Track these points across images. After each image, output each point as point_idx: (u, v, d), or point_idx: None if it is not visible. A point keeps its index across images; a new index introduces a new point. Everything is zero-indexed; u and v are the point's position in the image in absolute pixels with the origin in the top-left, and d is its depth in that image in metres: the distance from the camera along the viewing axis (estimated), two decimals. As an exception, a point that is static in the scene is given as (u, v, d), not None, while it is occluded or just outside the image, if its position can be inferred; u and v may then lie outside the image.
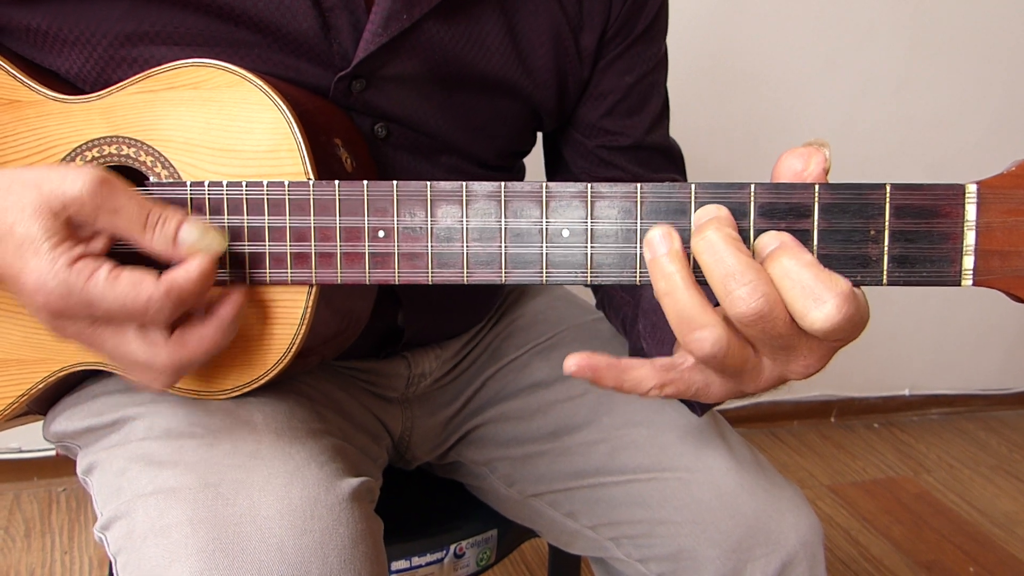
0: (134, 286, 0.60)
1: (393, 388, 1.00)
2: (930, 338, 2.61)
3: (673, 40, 0.95)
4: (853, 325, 0.55)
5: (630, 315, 0.87)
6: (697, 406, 0.81)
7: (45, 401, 0.83)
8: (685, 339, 0.57)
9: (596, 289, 1.00)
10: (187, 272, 0.62)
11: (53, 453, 1.98)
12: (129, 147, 0.71)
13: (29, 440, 1.98)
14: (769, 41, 2.18)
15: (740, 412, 2.48)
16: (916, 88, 2.35)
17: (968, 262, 0.57)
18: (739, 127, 2.23)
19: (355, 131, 0.79)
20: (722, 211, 0.58)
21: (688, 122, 2.16)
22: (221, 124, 0.69)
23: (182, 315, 0.64)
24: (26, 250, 0.59)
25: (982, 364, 2.73)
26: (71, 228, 0.61)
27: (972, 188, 0.57)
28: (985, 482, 2.36)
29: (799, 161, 0.58)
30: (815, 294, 0.54)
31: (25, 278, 0.60)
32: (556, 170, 1.01)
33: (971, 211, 0.57)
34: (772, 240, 0.57)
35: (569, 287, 1.14)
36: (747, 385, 0.61)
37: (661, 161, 0.97)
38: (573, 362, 0.60)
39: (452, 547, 1.01)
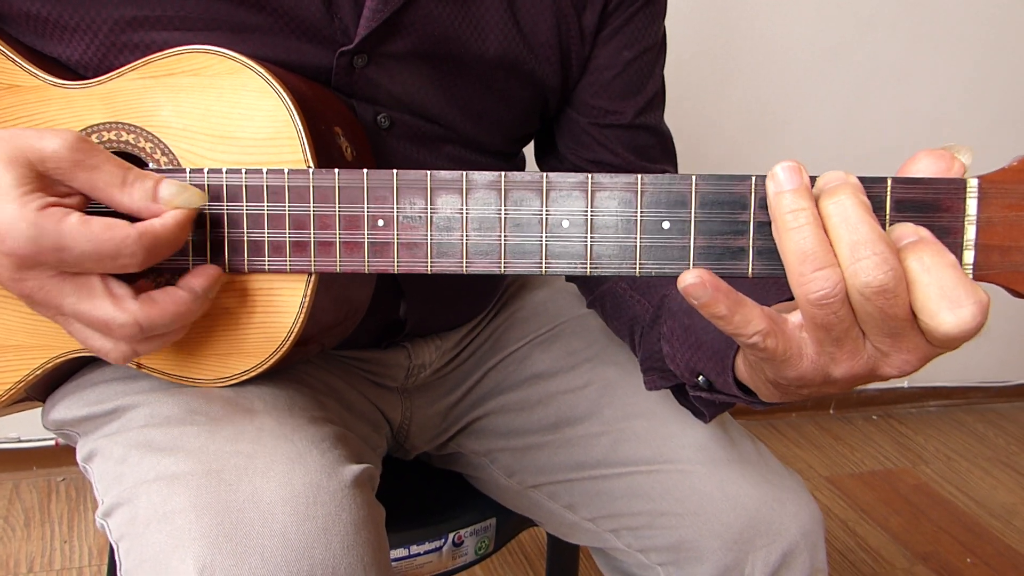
0: (107, 227, 0.59)
1: (392, 378, 1.00)
2: (930, 331, 2.61)
3: (675, 32, 0.94)
4: (970, 338, 0.53)
5: (646, 317, 0.86)
6: (705, 413, 0.80)
7: (44, 387, 0.83)
8: (805, 278, 0.54)
9: (591, 289, 0.99)
10: (163, 221, 0.62)
11: (52, 443, 1.99)
12: (128, 133, 0.70)
13: (28, 430, 1.98)
14: (770, 34, 2.17)
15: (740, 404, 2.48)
16: (918, 82, 2.35)
17: (968, 256, 0.57)
18: (741, 120, 2.22)
19: (355, 121, 0.79)
20: (852, 177, 0.56)
21: (690, 115, 2.17)
22: (221, 111, 0.69)
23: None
24: None
25: (981, 357, 2.73)
26: (45, 181, 0.60)
27: (973, 183, 0.56)
28: (983, 474, 2.36)
29: (943, 162, 0.56)
30: (954, 297, 0.52)
31: None
32: (545, 151, 1.00)
33: (972, 205, 0.56)
34: (910, 232, 0.55)
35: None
36: (839, 364, 0.58)
37: (654, 148, 0.96)
38: (695, 274, 0.55)
39: (451, 536, 1.01)
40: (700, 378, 0.74)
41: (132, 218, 0.62)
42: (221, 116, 0.69)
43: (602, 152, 0.93)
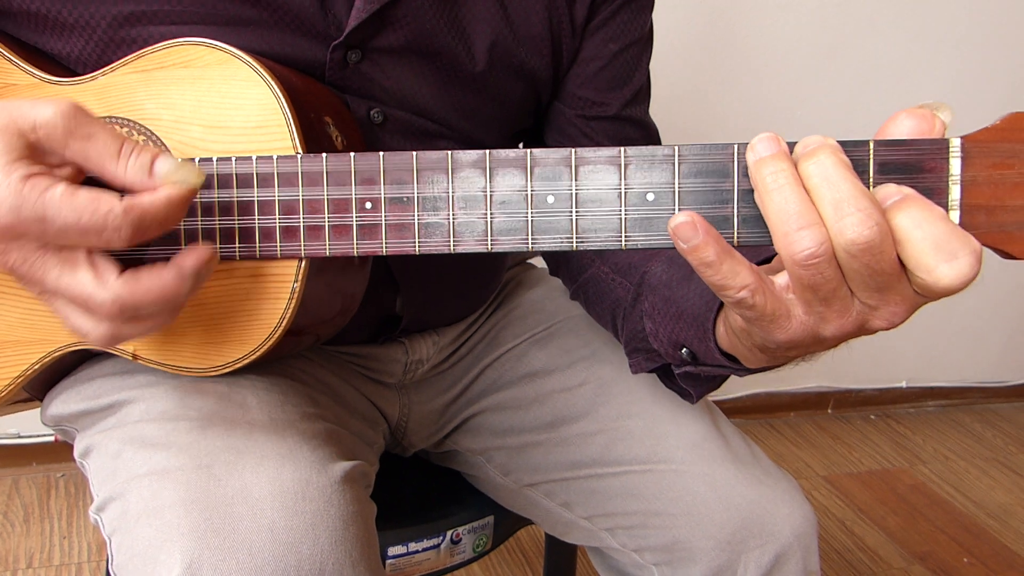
0: (93, 200, 0.57)
1: (390, 374, 1.00)
2: (927, 331, 2.60)
3: (674, 29, 0.95)
4: (967, 286, 0.53)
5: (627, 297, 0.86)
6: (692, 393, 0.80)
7: (42, 384, 0.83)
8: (789, 238, 0.54)
9: (573, 277, 0.99)
10: (153, 197, 0.59)
11: (52, 439, 1.99)
12: (122, 127, 0.71)
13: (28, 426, 1.98)
14: (770, 30, 2.18)
15: (737, 403, 2.48)
16: (918, 77, 2.34)
17: (953, 217, 0.56)
18: (741, 117, 2.22)
19: (346, 111, 0.79)
20: (830, 140, 0.56)
21: (690, 111, 2.17)
22: (211, 101, 0.69)
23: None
24: None
25: (979, 357, 2.73)
26: (35, 150, 0.58)
27: (956, 142, 0.56)
28: (980, 474, 2.36)
29: (924, 122, 0.56)
30: (949, 249, 0.52)
31: None
32: (531, 143, 1.00)
33: (955, 165, 0.56)
34: (895, 192, 0.55)
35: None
36: (829, 324, 0.57)
37: (639, 140, 0.96)
38: (687, 214, 0.55)
39: (449, 533, 1.01)
40: (683, 351, 0.74)
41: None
42: (211, 106, 0.69)
43: (588, 144, 0.93)
